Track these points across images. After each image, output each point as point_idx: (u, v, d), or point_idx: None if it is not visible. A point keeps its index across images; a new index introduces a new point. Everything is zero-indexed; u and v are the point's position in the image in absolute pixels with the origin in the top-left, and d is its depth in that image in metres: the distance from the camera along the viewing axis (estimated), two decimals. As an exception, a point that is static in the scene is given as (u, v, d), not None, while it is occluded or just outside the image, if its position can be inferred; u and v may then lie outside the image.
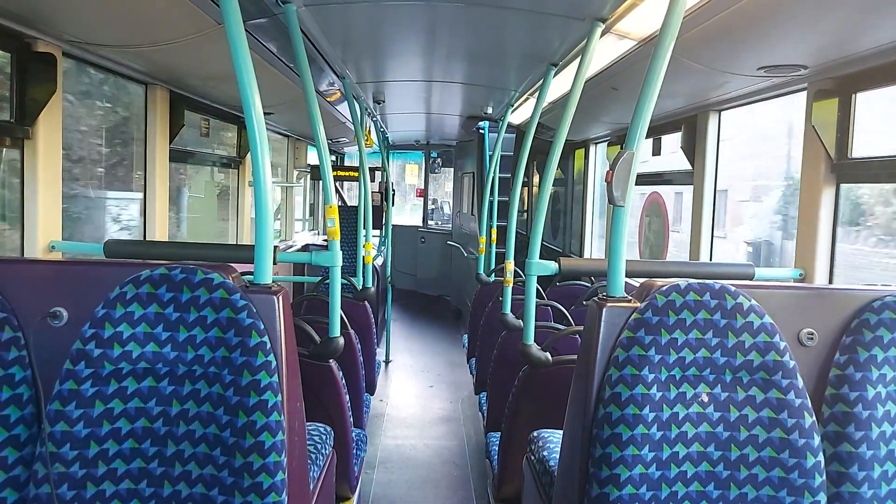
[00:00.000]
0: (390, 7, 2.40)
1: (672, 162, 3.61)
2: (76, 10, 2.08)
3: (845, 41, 1.92)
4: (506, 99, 4.30)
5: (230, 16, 1.57)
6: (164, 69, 2.90)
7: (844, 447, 1.51)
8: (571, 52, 2.74)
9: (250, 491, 1.44)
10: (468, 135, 7.12)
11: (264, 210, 1.66)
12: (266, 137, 1.65)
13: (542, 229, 2.62)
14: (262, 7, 2.28)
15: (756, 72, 2.30)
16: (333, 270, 2.58)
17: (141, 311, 1.49)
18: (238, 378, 1.46)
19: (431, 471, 3.88)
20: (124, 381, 1.48)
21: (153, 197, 3.20)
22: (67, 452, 1.44)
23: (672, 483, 1.46)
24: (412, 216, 9.81)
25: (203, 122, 3.91)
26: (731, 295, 1.51)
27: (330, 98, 4.30)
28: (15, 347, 1.53)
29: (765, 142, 7.91)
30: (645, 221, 4.11)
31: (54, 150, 2.37)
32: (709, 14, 1.85)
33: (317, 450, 2.24)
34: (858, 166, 2.25)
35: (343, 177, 6.98)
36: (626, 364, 1.48)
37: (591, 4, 2.15)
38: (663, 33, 1.59)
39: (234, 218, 4.71)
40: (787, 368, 1.48)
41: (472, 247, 6.96)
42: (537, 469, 2.22)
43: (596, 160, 5.08)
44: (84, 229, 3.30)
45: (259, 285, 1.62)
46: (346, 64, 3.36)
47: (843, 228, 2.42)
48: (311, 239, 6.90)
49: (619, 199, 1.63)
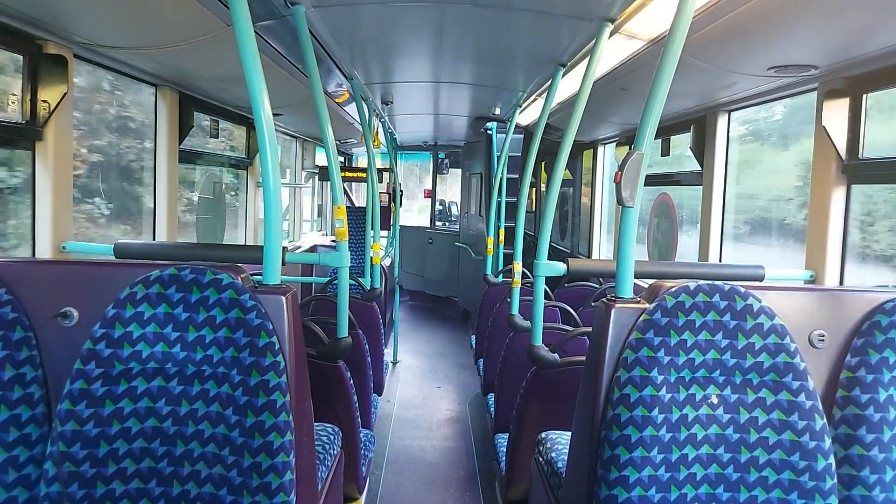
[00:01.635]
0: (398, 8, 2.41)
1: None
2: (87, 13, 2.10)
3: (856, 41, 1.90)
4: (514, 100, 4.29)
5: (239, 17, 1.58)
6: (174, 71, 2.92)
7: (856, 450, 1.49)
8: (580, 52, 2.73)
9: (259, 491, 1.45)
10: (476, 136, 7.12)
11: (273, 211, 1.67)
12: (275, 138, 1.65)
13: (550, 230, 2.62)
14: (270, 9, 2.29)
15: (766, 72, 2.29)
16: (341, 271, 2.58)
17: (151, 311, 1.50)
18: (247, 378, 1.47)
19: (439, 472, 3.88)
20: (134, 381, 1.49)
21: (162, 198, 3.22)
22: (78, 451, 1.45)
23: (682, 485, 1.46)
24: (420, 217, 9.82)
25: (212, 123, 3.93)
26: (740, 296, 1.50)
27: (338, 99, 4.30)
28: (26, 347, 1.54)
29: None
30: (653, 222, 4.09)
31: (65, 152, 2.39)
32: (718, 14, 1.84)
33: (325, 450, 2.24)
34: (869, 167, 2.23)
35: (351, 178, 7.00)
36: (636, 365, 1.47)
37: (599, 5, 2.14)
38: (672, 33, 1.59)
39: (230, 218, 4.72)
40: (797, 370, 1.47)
41: (479, 247, 6.96)
42: (545, 470, 2.22)
43: (605, 161, 5.07)
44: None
45: (268, 286, 1.63)
46: (354, 65, 3.36)
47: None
48: (320, 240, 6.91)
49: (628, 200, 1.63)
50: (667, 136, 3.68)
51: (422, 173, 10.41)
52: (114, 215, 3.33)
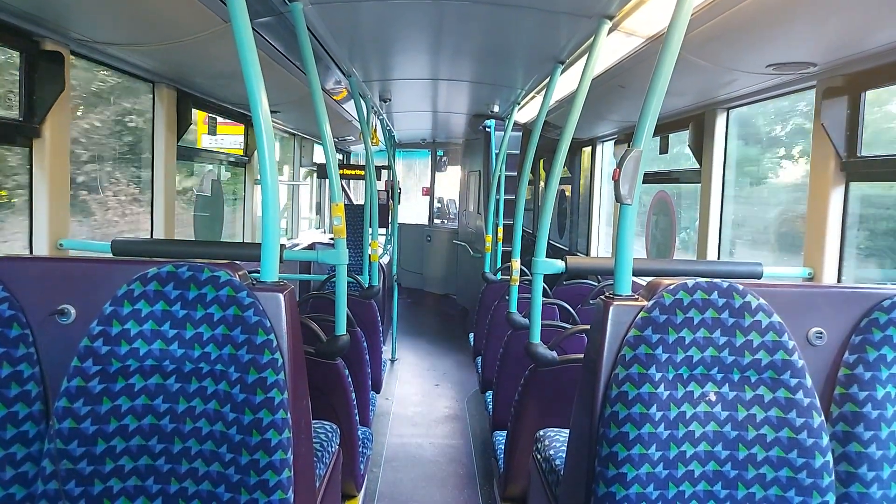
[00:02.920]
0: (397, 5, 2.40)
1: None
2: (84, 9, 2.09)
3: (855, 38, 1.90)
4: (512, 97, 4.29)
5: (237, 14, 1.58)
6: (172, 67, 2.91)
7: (853, 447, 1.50)
8: (578, 49, 2.73)
9: (256, 488, 1.45)
10: (474, 133, 7.11)
11: (271, 208, 1.66)
12: (273, 136, 1.65)
13: (548, 228, 2.62)
14: (269, 5, 2.28)
15: (764, 69, 2.29)
16: (340, 268, 2.58)
17: (148, 308, 1.49)
18: (244, 375, 1.46)
19: (437, 469, 3.88)
20: (131, 379, 1.48)
21: (160, 195, 3.21)
22: (75, 449, 1.44)
23: (679, 482, 1.46)
24: (418, 214, 9.82)
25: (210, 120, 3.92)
26: (739, 294, 1.50)
27: (336, 96, 4.30)
28: (23, 345, 1.54)
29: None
30: (652, 220, 4.09)
31: (62, 149, 2.39)
32: (717, 11, 1.84)
33: (323, 448, 2.24)
34: (868, 164, 2.23)
35: (349, 175, 6.98)
36: (634, 363, 1.47)
37: (598, 2, 2.14)
38: (671, 31, 1.59)
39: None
40: (795, 368, 1.47)
41: (478, 245, 6.96)
42: (543, 468, 2.22)
43: (603, 158, 5.06)
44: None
45: (265, 283, 1.62)
46: (352, 62, 3.36)
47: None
48: (318, 237, 6.91)
49: (626, 198, 1.63)
50: (665, 133, 3.68)
51: (421, 171, 10.39)
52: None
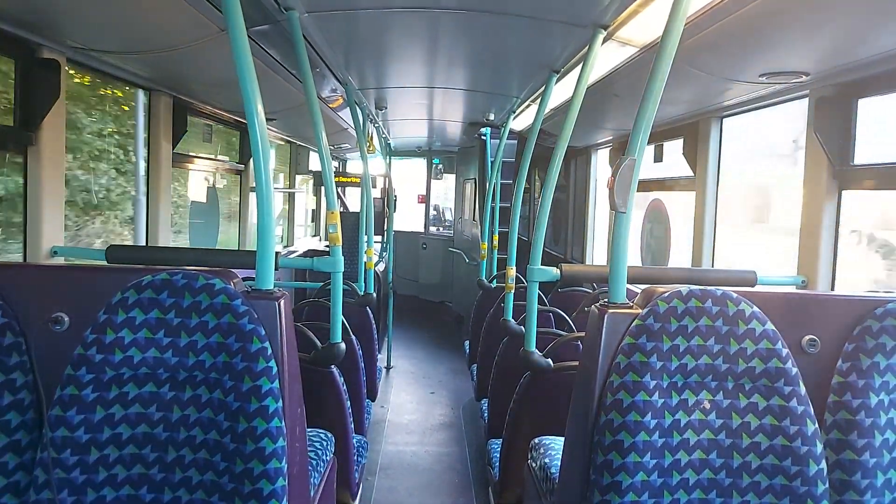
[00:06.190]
0: (392, 14, 2.41)
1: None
2: (81, 17, 2.09)
3: (847, 48, 1.92)
4: (508, 105, 4.31)
5: (233, 22, 1.58)
6: (168, 75, 2.91)
7: (847, 455, 1.50)
8: (573, 58, 2.75)
9: (251, 497, 1.44)
10: (470, 141, 7.13)
11: (266, 216, 1.67)
12: (268, 144, 1.65)
13: (543, 235, 2.62)
14: (265, 14, 2.29)
15: (758, 78, 2.30)
16: (335, 276, 2.58)
17: (142, 316, 1.49)
18: (239, 384, 1.46)
19: (432, 477, 3.87)
20: (125, 387, 1.48)
21: (156, 202, 3.21)
22: (68, 458, 1.43)
23: (674, 490, 1.46)
24: (414, 222, 9.83)
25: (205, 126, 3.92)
26: (733, 301, 1.51)
27: (332, 104, 4.31)
28: (16, 352, 1.53)
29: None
30: (646, 228, 4.10)
31: (57, 156, 2.38)
32: (710, 21, 1.85)
33: (318, 456, 2.23)
34: (861, 173, 2.25)
35: (345, 183, 6.98)
36: (628, 370, 1.48)
37: (592, 11, 2.15)
38: (665, 40, 1.60)
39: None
40: (789, 375, 1.48)
41: (473, 253, 6.96)
42: (538, 476, 2.21)
43: (597, 167, 5.08)
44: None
45: (261, 291, 1.62)
46: (348, 70, 3.37)
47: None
48: (313, 244, 6.90)
49: (621, 206, 1.63)
50: (660, 142, 3.70)
51: (417, 179, 10.39)
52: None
